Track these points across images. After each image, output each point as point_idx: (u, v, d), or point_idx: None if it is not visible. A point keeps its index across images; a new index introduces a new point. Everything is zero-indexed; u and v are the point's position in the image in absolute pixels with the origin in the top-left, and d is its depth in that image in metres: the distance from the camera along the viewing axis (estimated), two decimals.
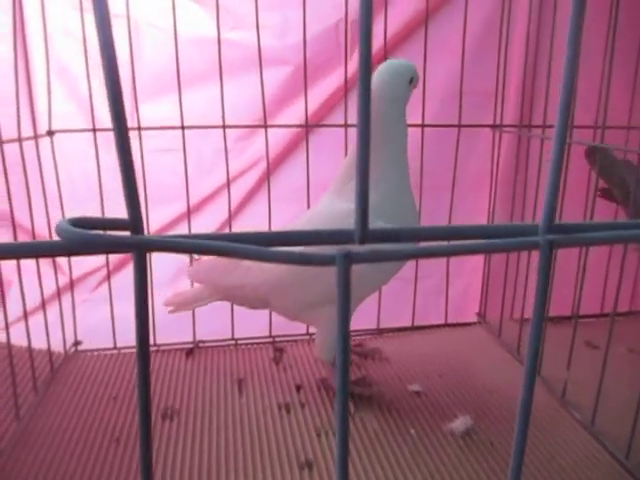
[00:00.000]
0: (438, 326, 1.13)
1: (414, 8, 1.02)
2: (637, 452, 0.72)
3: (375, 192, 0.78)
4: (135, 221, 0.21)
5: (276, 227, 0.97)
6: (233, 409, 0.84)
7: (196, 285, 0.95)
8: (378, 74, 0.79)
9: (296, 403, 0.86)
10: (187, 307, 0.95)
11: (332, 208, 0.82)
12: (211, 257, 0.98)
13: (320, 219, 0.83)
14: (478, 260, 1.15)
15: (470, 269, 1.18)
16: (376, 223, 0.77)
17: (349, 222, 0.77)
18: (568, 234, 0.22)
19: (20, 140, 0.84)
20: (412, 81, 0.80)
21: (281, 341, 1.06)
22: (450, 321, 1.13)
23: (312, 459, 0.73)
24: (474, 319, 1.16)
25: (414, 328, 1.11)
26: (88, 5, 0.95)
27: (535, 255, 0.23)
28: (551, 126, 0.94)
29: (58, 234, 0.21)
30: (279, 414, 0.83)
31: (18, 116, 0.85)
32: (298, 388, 0.90)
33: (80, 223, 0.21)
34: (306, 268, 0.81)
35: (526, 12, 1.03)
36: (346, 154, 0.98)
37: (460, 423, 0.79)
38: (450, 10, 1.06)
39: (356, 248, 0.22)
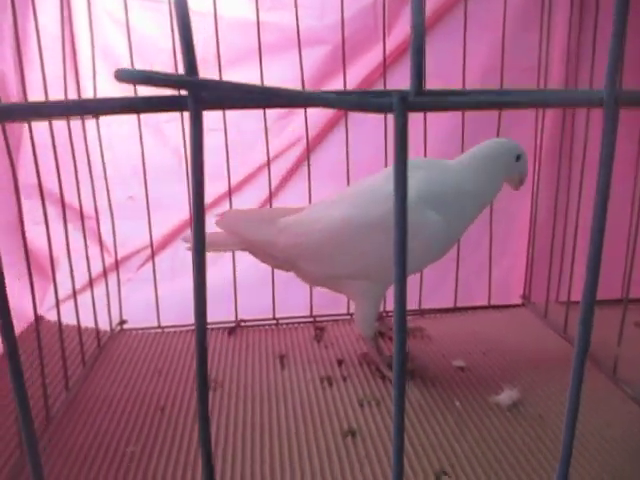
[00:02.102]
0: (481, 307, 1.11)
1: None
2: None
3: (439, 188, 0.80)
4: (190, 66, 0.21)
5: None
6: (276, 382, 0.84)
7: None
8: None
9: (338, 376, 0.85)
10: (208, 249, 0.93)
11: (385, 187, 0.79)
12: (245, 209, 0.98)
13: (373, 194, 0.81)
14: (522, 241, 1.12)
15: (514, 250, 1.15)
16: (430, 213, 0.77)
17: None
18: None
19: (68, 118, 0.86)
20: (519, 158, 0.84)
21: (322, 321, 1.06)
22: (493, 303, 1.11)
23: (355, 428, 0.72)
24: (518, 301, 1.13)
25: (456, 309, 1.09)
26: None
27: (581, 235, 0.23)
28: None
29: (120, 77, 0.21)
30: (321, 386, 0.83)
31: (65, 94, 0.88)
32: (340, 362, 0.90)
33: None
34: (347, 240, 0.81)
35: None
36: (385, 131, 0.98)
37: (506, 396, 0.77)
38: None
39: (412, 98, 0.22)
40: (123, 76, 0.21)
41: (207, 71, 1.01)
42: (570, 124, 1.00)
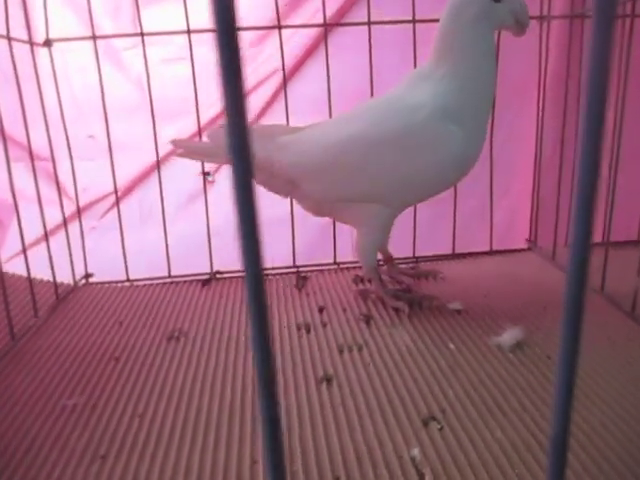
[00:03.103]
0: (482, 253, 1.00)
1: None
2: None
3: (453, 96, 0.69)
4: None
5: None
6: (246, 331, 0.75)
7: None
8: None
9: (317, 323, 0.76)
10: (195, 157, 0.84)
11: (404, 100, 0.72)
12: None
13: (388, 107, 0.73)
14: (526, 178, 1.01)
15: (517, 190, 1.04)
16: (448, 125, 0.69)
17: (415, 116, 0.58)
18: None
19: (10, 39, 0.76)
20: None
21: (306, 271, 0.96)
22: (496, 248, 1.00)
23: (332, 374, 0.63)
24: (523, 246, 1.02)
25: (455, 256, 0.99)
26: None
27: None
28: None
29: None
30: (297, 333, 0.73)
31: (7, 18, 0.78)
32: (321, 310, 0.80)
33: None
34: (358, 157, 0.71)
35: None
36: (370, 55, 0.87)
37: (508, 336, 0.67)
38: None
39: None
40: None
41: None
42: (578, 41, 0.88)
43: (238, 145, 0.18)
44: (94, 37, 0.87)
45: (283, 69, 0.90)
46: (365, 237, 0.77)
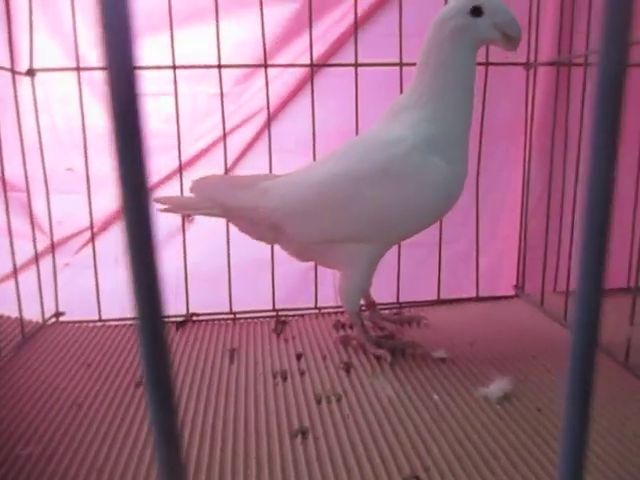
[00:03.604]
0: (468, 299, 0.97)
1: None
2: None
3: (435, 128, 0.67)
4: None
5: None
6: (220, 378, 0.71)
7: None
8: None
9: (295, 371, 0.72)
10: (180, 211, 0.81)
11: (383, 134, 0.71)
12: (222, 175, 0.87)
13: (369, 143, 0.72)
14: (513, 224, 0.99)
15: (504, 235, 1.02)
16: (431, 157, 0.67)
17: (399, 150, 0.56)
18: None
19: None
20: (479, 12, 0.65)
21: (286, 315, 0.93)
22: (483, 294, 0.98)
23: (307, 426, 0.58)
24: (511, 292, 1.00)
25: (439, 302, 0.96)
26: None
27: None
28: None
29: None
30: (273, 382, 0.69)
31: None
32: (299, 356, 0.76)
33: None
34: (340, 195, 0.69)
35: None
36: (357, 97, 0.87)
37: (496, 387, 0.64)
38: None
39: None
40: None
41: (158, 27, 0.90)
42: (565, 88, 0.88)
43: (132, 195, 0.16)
44: (78, 68, 0.85)
45: (268, 108, 0.89)
46: (350, 279, 0.74)
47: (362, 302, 0.84)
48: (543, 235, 0.90)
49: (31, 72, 0.86)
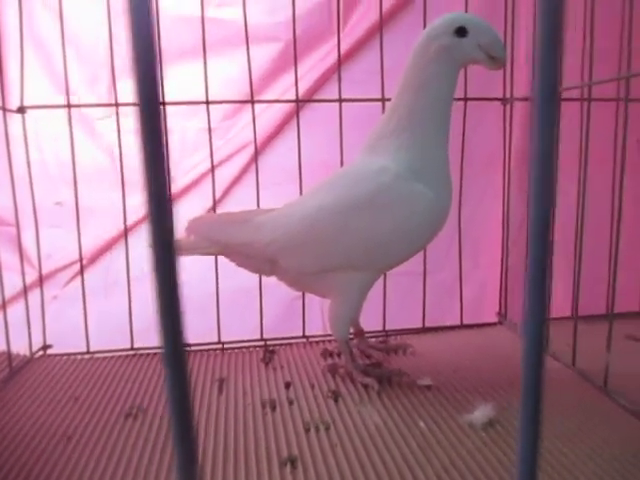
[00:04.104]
0: (453, 327, 0.99)
1: None
2: None
3: (417, 156, 0.69)
4: None
5: None
6: (209, 408, 0.71)
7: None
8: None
9: (283, 400, 0.73)
10: (178, 253, 0.82)
11: (366, 166, 0.73)
12: (215, 213, 0.89)
13: (354, 175, 0.74)
14: (496, 253, 1.02)
15: (486, 264, 1.05)
16: (416, 185, 0.69)
17: (383, 180, 0.60)
18: None
19: None
20: (464, 32, 0.67)
21: (274, 344, 0.94)
22: (467, 322, 1.00)
23: (296, 455, 0.59)
24: (494, 319, 1.02)
25: (425, 330, 0.98)
26: None
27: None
28: (572, 88, 0.84)
29: None
30: (262, 411, 0.70)
31: None
32: (287, 385, 0.77)
33: None
34: (330, 226, 0.71)
35: None
36: (341, 131, 0.90)
37: (480, 414, 0.65)
38: None
39: None
40: None
41: None
42: None
43: (158, 219, 0.19)
44: (69, 106, 0.88)
45: (255, 142, 0.91)
46: (340, 307, 0.76)
47: (351, 330, 0.85)
48: (523, 264, 0.93)
49: (22, 109, 0.88)
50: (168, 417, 0.68)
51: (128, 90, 0.91)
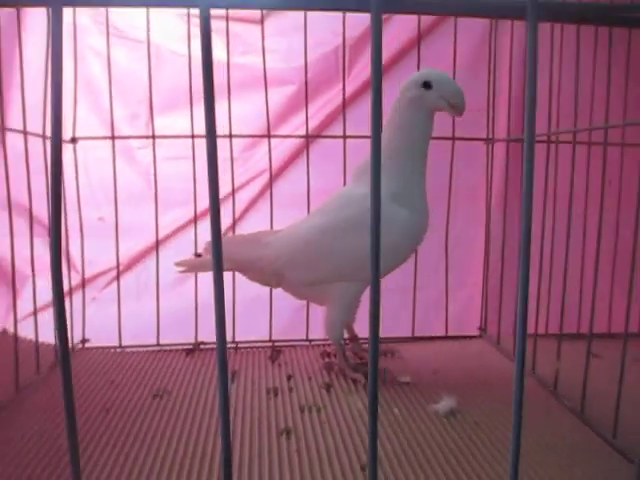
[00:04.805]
0: (439, 337, 1.13)
1: (408, 32, 1.11)
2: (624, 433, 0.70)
3: (396, 183, 0.83)
4: None
5: None
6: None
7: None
8: None
9: (285, 388, 0.87)
10: (197, 270, 0.99)
11: (351, 193, 0.89)
12: (229, 235, 1.04)
13: (342, 200, 0.90)
14: (479, 273, 1.15)
15: (472, 282, 1.19)
16: (397, 208, 0.83)
17: (365, 205, 0.88)
18: None
19: (44, 137, 0.93)
20: (429, 85, 0.81)
21: (280, 345, 1.08)
22: (451, 333, 1.13)
23: (291, 428, 0.73)
24: (476, 333, 1.15)
25: (413, 339, 1.11)
26: (113, 31, 1.08)
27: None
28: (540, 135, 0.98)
29: None
30: (267, 396, 0.84)
31: (44, 119, 0.94)
32: (289, 377, 0.91)
33: None
34: (322, 244, 0.86)
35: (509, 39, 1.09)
36: (345, 163, 1.05)
37: (444, 404, 0.78)
38: (441, 35, 1.14)
39: None
40: None
41: (179, 104, 1.09)
42: (517, 160, 1.06)
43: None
44: (113, 137, 1.04)
45: (270, 170, 1.07)
46: (334, 313, 0.90)
47: (346, 335, 0.99)
48: (502, 285, 1.06)
49: (74, 140, 1.05)
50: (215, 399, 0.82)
51: (163, 125, 1.07)
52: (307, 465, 0.65)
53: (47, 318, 0.97)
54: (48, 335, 0.98)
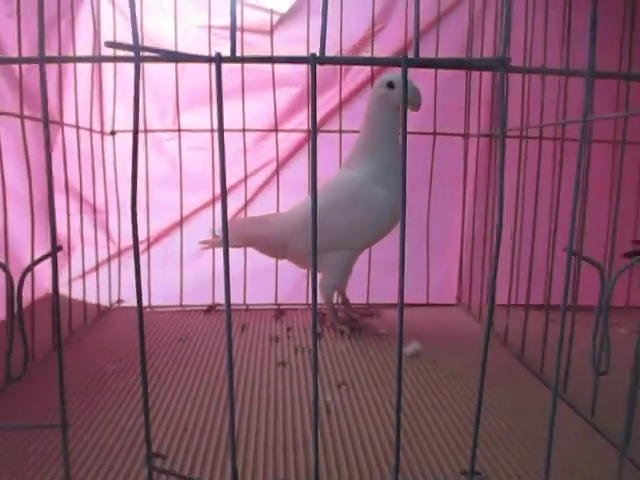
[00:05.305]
0: (420, 305, 1.31)
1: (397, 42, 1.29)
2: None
3: (374, 167, 1.02)
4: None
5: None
6: (234, 339, 1.05)
7: None
8: None
9: (284, 336, 1.07)
10: (215, 247, 1.19)
11: (343, 175, 1.08)
12: (244, 217, 1.24)
13: (334, 183, 1.08)
14: (456, 250, 1.34)
15: (449, 258, 1.36)
16: (376, 188, 1.02)
17: (350, 187, 1.08)
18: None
19: (91, 131, 1.13)
20: (392, 85, 1.00)
21: (284, 308, 1.27)
22: (432, 302, 1.31)
23: (287, 361, 0.93)
24: (453, 301, 1.33)
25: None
26: (147, 42, 1.28)
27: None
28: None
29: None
30: (269, 343, 1.04)
31: (91, 115, 1.15)
32: (289, 329, 1.11)
33: None
34: (320, 218, 1.04)
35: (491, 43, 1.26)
36: (340, 154, 1.23)
37: (411, 348, 0.97)
38: (426, 44, 1.31)
39: None
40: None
41: (202, 103, 1.29)
42: (487, 152, 1.24)
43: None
44: (145, 131, 1.24)
45: (277, 160, 1.26)
46: (327, 277, 1.09)
47: (340, 300, 1.18)
48: (475, 261, 1.24)
49: (113, 133, 1.25)
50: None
51: (187, 119, 1.27)
52: (296, 385, 0.84)
53: (90, 281, 1.18)
54: (91, 295, 1.19)
